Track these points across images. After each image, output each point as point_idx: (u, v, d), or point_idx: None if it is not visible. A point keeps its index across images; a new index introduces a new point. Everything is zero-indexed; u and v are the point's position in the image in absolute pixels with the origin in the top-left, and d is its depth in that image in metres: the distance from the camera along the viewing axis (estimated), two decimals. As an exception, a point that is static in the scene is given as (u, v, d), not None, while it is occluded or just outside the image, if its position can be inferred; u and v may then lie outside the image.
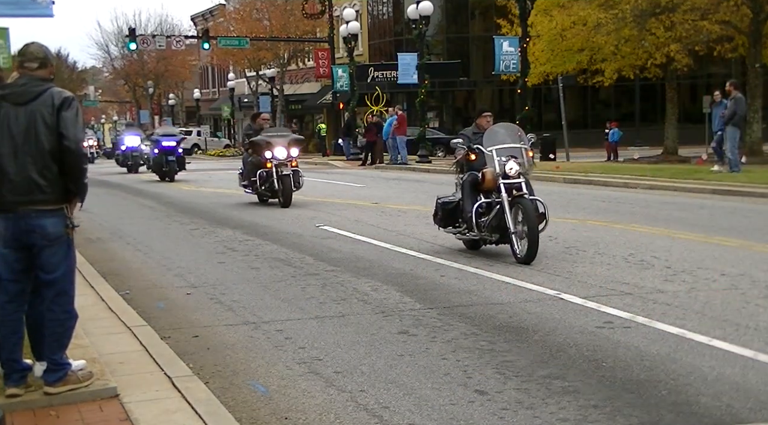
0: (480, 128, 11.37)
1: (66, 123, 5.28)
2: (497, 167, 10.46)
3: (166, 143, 27.42)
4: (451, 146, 11.61)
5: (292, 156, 17.66)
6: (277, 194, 17.53)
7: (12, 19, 17.86)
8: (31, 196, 5.25)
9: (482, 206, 10.63)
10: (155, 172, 28.21)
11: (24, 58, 5.43)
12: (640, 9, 28.27)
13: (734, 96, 21.49)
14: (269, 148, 17.47)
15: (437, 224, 11.60)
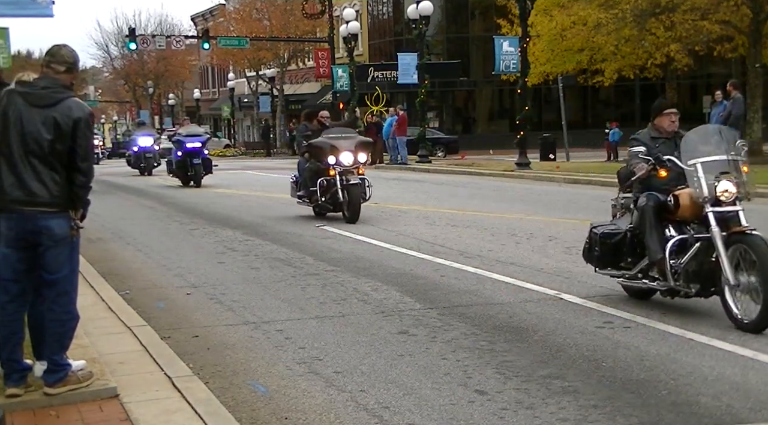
0: (662, 132, 8.27)
1: (82, 143, 5.29)
2: (704, 188, 7.44)
3: (191, 144, 24.42)
4: (630, 156, 8.12)
5: (360, 162, 15.01)
6: (341, 206, 14.76)
7: (12, 19, 17.87)
8: (39, 198, 5.25)
9: (676, 244, 7.59)
10: (178, 176, 25.11)
11: (53, 59, 5.41)
12: (640, 9, 28.26)
13: (733, 96, 21.49)
14: (333, 153, 14.71)
15: (591, 263, 8.52)
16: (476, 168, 29.64)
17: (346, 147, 14.77)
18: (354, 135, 15.84)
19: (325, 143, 14.92)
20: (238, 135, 73.46)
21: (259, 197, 21.00)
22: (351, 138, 15.32)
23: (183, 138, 24.87)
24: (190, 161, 24.50)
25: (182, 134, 25.28)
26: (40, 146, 5.24)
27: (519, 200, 18.74)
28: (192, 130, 26.46)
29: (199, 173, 24.49)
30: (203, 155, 24.85)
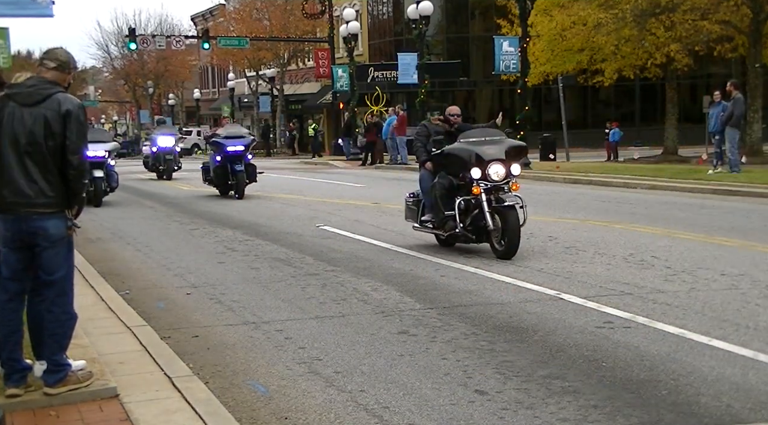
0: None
1: (72, 137, 5.28)
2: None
3: (233, 148, 20.25)
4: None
5: (513, 175, 11.16)
6: (490, 236, 10.87)
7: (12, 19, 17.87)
8: (33, 199, 5.25)
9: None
10: (216, 185, 21.11)
11: (45, 57, 5.45)
12: (640, 9, 28.27)
13: (734, 97, 21.49)
14: (478, 164, 10.88)
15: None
16: (476, 168, 29.58)
17: (494, 155, 10.99)
18: (502, 138, 11.71)
19: (465, 150, 11.14)
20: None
21: (259, 197, 20.99)
22: (499, 142, 11.35)
23: (223, 140, 20.56)
24: (232, 167, 20.38)
25: (222, 135, 20.87)
26: (33, 145, 5.24)
27: (519, 200, 18.71)
28: (234, 130, 21.72)
29: (242, 182, 20.27)
30: (247, 159, 20.62)
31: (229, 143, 20.40)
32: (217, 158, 20.54)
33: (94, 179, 18.72)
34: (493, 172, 10.84)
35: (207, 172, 21.67)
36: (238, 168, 20.30)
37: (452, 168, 11.27)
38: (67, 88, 5.48)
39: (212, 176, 21.11)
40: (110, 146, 19.79)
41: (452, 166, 11.27)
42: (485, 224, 10.75)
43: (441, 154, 11.46)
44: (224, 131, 21.40)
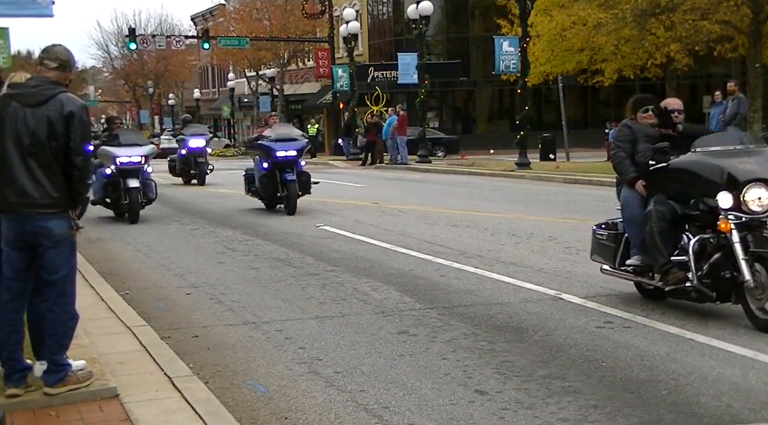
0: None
1: (76, 138, 5.27)
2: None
3: (284, 153, 16.40)
4: None
5: None
6: (744, 295, 7.23)
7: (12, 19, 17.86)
8: (37, 199, 5.25)
9: None
10: (262, 197, 17.21)
11: (45, 56, 5.42)
12: (640, 9, 28.25)
13: (737, 96, 21.49)
14: (730, 186, 7.32)
15: None
16: (476, 168, 29.65)
17: (756, 173, 7.33)
18: (764, 148, 7.85)
19: (707, 164, 7.55)
20: (238, 135, 73.40)
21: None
22: (760, 154, 7.61)
23: (271, 143, 16.50)
24: (282, 176, 16.44)
25: (271, 138, 16.69)
26: (36, 145, 5.24)
27: (519, 200, 18.74)
28: (284, 131, 17.41)
29: (293, 194, 16.36)
30: (299, 167, 16.72)
31: (279, 147, 16.41)
32: (264, 165, 16.50)
33: (129, 189, 15.64)
34: (753, 198, 7.22)
35: (251, 181, 17.63)
36: (290, 177, 16.35)
37: (680, 190, 7.78)
38: (67, 85, 5.48)
39: (257, 187, 17.13)
40: (147, 150, 16.46)
41: (682, 187, 7.77)
42: (737, 277, 7.15)
43: (665, 170, 7.82)
44: (273, 132, 16.96)
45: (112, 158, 15.77)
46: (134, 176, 15.74)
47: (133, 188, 15.69)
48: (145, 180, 16.06)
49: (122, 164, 15.82)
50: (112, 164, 15.82)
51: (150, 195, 16.27)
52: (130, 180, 15.66)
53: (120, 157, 15.83)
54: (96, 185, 15.48)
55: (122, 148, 16.05)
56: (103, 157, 15.96)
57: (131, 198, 15.71)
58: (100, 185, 15.85)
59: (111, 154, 15.83)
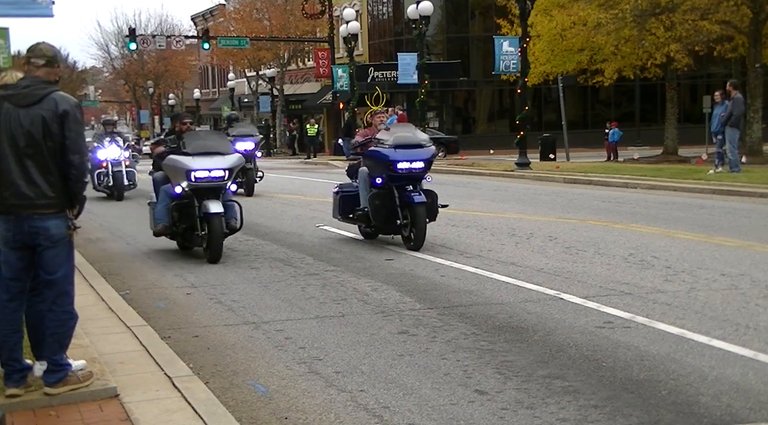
0: None
1: (72, 137, 5.27)
2: None
3: (407, 165, 11.78)
4: None
5: None
6: None
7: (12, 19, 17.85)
8: (35, 200, 5.25)
9: None
10: (371, 223, 12.37)
11: (32, 55, 5.42)
12: (640, 9, 28.27)
13: (733, 97, 21.51)
14: None
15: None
16: (476, 168, 29.65)
17: None
18: None
19: None
20: (236, 135, 73.33)
21: (259, 197, 20.99)
22: None
23: (390, 151, 11.82)
24: (403, 195, 11.81)
25: (387, 143, 11.92)
26: (32, 146, 5.23)
27: (519, 200, 18.74)
28: (406, 134, 12.25)
29: (421, 221, 11.56)
30: (428, 180, 12.13)
31: (401, 155, 11.76)
32: (378, 180, 12.01)
33: (209, 216, 11.02)
34: None
35: (349, 202, 12.74)
36: (416, 198, 11.62)
37: None
38: (57, 81, 5.48)
39: (364, 210, 12.24)
40: (232, 161, 11.53)
41: None
42: None
43: None
44: (389, 135, 12.05)
45: (185, 171, 11.10)
46: (215, 195, 11.24)
47: (214, 213, 11.01)
48: (228, 203, 11.48)
49: (198, 180, 11.16)
50: (184, 180, 11.15)
51: (231, 222, 11.49)
52: (210, 203, 11.08)
53: (196, 170, 11.13)
54: (160, 208, 11.54)
55: (198, 158, 11.22)
56: (169, 170, 11.50)
57: (212, 228, 11.04)
58: (164, 208, 11.49)
59: (182, 166, 11.15)
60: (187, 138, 11.50)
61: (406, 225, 11.76)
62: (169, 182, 11.55)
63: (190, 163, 11.06)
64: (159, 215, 11.50)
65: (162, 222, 11.45)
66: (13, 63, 16.29)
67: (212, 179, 11.15)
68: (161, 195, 11.56)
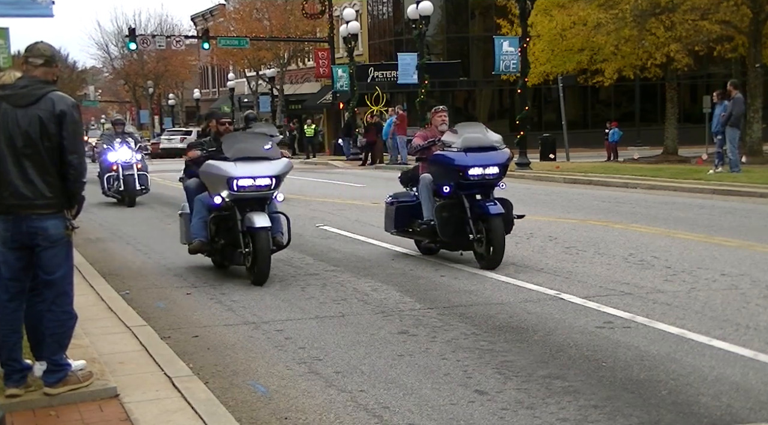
0: None
1: (70, 137, 5.26)
2: None
3: (479, 171, 10.32)
4: None
5: None
6: None
7: (12, 19, 17.84)
8: (33, 200, 5.24)
9: None
10: (437, 237, 10.75)
11: (30, 54, 5.40)
12: (640, 9, 28.28)
13: (734, 97, 21.52)
14: None
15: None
16: (476, 168, 29.60)
17: None
18: None
19: None
20: (237, 135, 73.40)
21: (259, 197, 20.98)
22: None
23: (458, 155, 10.36)
24: (475, 206, 10.29)
25: (454, 146, 10.45)
26: (30, 146, 5.23)
27: (519, 200, 18.70)
28: (475, 135, 10.67)
29: (499, 235, 10.04)
30: (501, 187, 10.66)
31: (472, 160, 10.25)
32: (445, 189, 10.44)
33: (254, 231, 9.43)
34: None
35: (407, 213, 11.15)
36: (492, 209, 10.06)
37: None
38: (55, 81, 5.47)
39: (429, 222, 10.55)
40: (280, 167, 9.86)
41: None
42: None
43: None
44: (456, 137, 10.48)
45: (227, 179, 9.60)
46: (260, 206, 9.76)
47: (260, 228, 9.47)
48: (274, 215, 10.01)
49: (242, 189, 9.66)
50: (225, 189, 9.66)
51: (280, 239, 10.02)
52: (256, 217, 9.52)
53: (239, 178, 9.61)
54: (196, 221, 10.15)
55: (240, 163, 9.67)
56: (208, 177, 9.99)
57: (257, 246, 9.46)
58: (201, 222, 10.08)
59: (223, 173, 9.64)
60: (226, 141, 9.92)
61: (480, 240, 10.15)
62: (204, 191, 10.16)
63: (231, 170, 9.54)
64: (195, 229, 10.06)
65: (198, 238, 9.99)
66: (13, 63, 16.28)
67: (257, 188, 9.62)
68: (196, 206, 10.17)
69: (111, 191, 19.78)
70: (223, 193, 9.66)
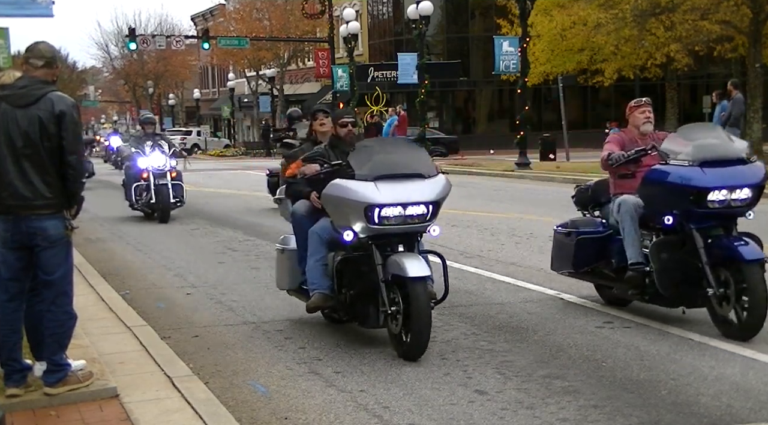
0: None
1: (69, 137, 5.26)
2: None
3: (724, 195, 7.04)
4: None
5: None
6: None
7: (12, 19, 17.83)
8: (32, 201, 5.24)
9: None
10: (658, 287, 7.24)
11: (30, 55, 5.40)
12: (640, 9, 28.26)
13: (733, 97, 21.53)
14: None
15: None
16: (476, 168, 29.64)
17: None
18: None
19: None
20: (238, 135, 73.45)
21: (259, 197, 20.99)
22: None
23: (692, 170, 7.05)
24: (718, 245, 7.12)
25: (681, 156, 7.15)
26: (30, 146, 5.22)
27: (519, 200, 18.74)
28: (713, 143, 7.30)
29: (762, 292, 6.71)
30: (748, 216, 7.46)
31: (713, 178, 7.06)
32: (667, 219, 7.28)
33: (407, 281, 6.49)
34: None
35: (596, 249, 8.06)
36: (746, 253, 6.99)
37: None
38: (55, 81, 5.46)
39: (638, 265, 7.42)
40: (438, 189, 6.80)
41: None
42: None
43: None
44: (684, 144, 7.29)
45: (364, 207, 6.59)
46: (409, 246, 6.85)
47: (416, 278, 6.50)
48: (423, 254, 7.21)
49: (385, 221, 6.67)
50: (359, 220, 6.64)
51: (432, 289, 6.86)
52: (407, 260, 6.56)
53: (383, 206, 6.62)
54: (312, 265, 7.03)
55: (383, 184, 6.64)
56: (334, 202, 6.89)
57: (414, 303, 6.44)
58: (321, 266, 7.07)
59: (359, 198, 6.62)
60: (360, 151, 6.82)
61: (724, 298, 6.89)
62: (316, 219, 7.22)
63: (372, 194, 6.52)
64: (314, 276, 7.03)
65: (319, 289, 6.96)
66: (13, 63, 16.27)
67: (409, 219, 6.61)
68: (313, 243, 7.05)
69: (140, 204, 16.45)
70: (357, 226, 6.62)
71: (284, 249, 7.92)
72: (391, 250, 6.66)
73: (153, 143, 16.25)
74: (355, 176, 6.63)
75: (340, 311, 7.17)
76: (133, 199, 16.49)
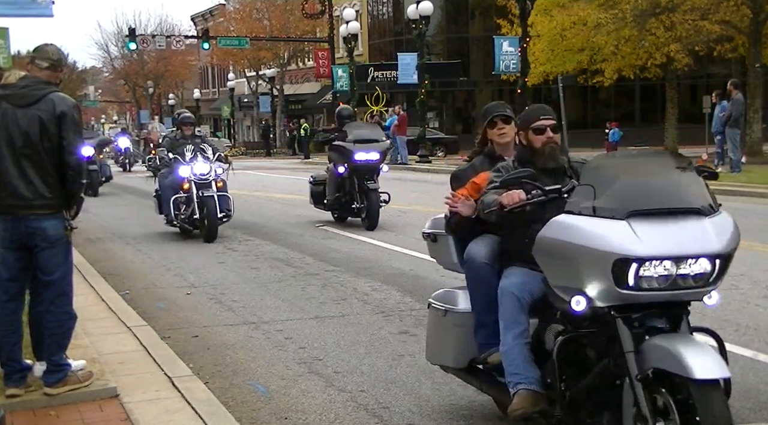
0: None
1: (69, 138, 5.25)
2: None
3: None
4: None
5: None
6: None
7: (12, 19, 17.84)
8: (31, 201, 5.24)
9: None
10: None
11: (37, 55, 5.40)
12: (640, 9, 28.27)
13: (733, 97, 21.53)
14: None
15: None
16: (476, 168, 29.59)
17: None
18: None
19: None
20: (238, 135, 73.47)
21: (259, 197, 21.00)
22: None
23: None
24: None
25: None
26: (30, 146, 5.22)
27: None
28: None
29: None
30: None
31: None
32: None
33: None
34: None
35: None
36: None
37: None
38: (58, 84, 5.46)
39: None
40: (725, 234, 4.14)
41: None
42: None
43: None
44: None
45: None
46: None
47: None
48: None
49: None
50: None
51: None
52: None
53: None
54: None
55: None
56: None
57: None
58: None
59: None
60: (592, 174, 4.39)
61: None
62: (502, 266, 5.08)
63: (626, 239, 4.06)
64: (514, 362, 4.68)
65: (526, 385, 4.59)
66: (13, 63, 16.27)
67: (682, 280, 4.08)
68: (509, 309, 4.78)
69: (179, 219, 13.90)
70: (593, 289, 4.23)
71: (448, 311, 5.47)
72: (641, 326, 4.21)
73: (194, 148, 13.67)
74: (581, 210, 4.18)
75: (557, 415, 4.55)
76: (171, 213, 13.75)
